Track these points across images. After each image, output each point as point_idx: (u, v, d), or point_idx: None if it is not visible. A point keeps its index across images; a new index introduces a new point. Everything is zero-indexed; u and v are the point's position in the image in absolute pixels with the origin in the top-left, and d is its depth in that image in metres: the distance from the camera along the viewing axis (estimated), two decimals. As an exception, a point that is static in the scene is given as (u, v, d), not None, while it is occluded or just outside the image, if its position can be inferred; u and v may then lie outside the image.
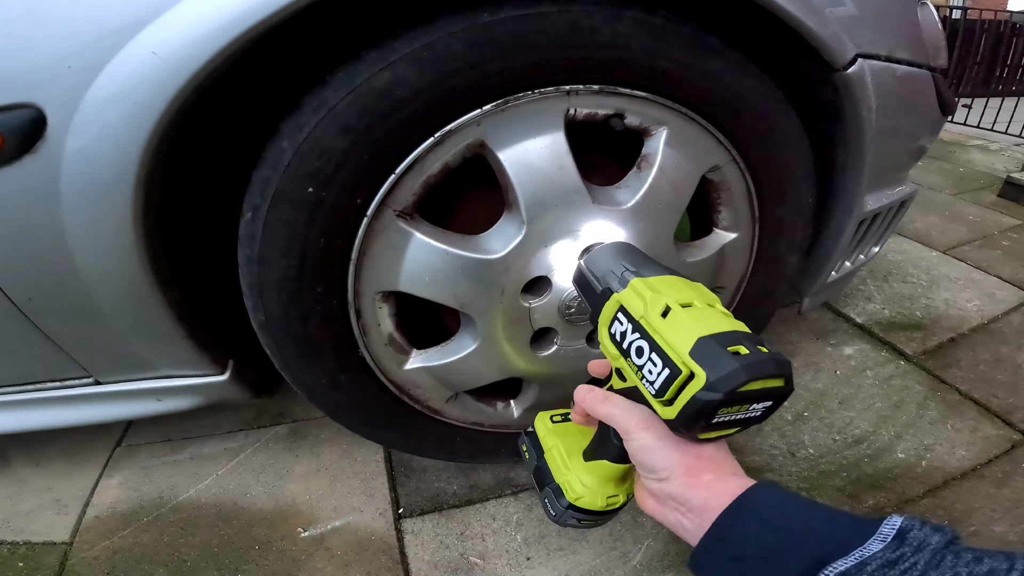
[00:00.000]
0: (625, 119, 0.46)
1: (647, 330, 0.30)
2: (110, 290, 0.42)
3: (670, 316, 0.30)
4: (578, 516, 0.37)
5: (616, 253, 0.38)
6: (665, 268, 0.36)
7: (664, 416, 0.29)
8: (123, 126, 0.34)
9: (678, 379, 0.27)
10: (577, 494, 0.37)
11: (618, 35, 0.40)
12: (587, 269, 0.38)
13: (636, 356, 0.31)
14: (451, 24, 0.37)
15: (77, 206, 0.37)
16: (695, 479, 0.29)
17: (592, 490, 0.37)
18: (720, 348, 0.27)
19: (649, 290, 0.32)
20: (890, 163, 0.59)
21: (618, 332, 0.32)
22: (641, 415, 0.32)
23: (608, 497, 0.37)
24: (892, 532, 0.23)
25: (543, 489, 0.40)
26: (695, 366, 0.27)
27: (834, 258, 0.63)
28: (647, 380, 0.29)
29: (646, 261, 0.37)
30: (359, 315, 0.46)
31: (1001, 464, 0.67)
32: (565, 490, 0.37)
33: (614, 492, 0.37)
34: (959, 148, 2.20)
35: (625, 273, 0.34)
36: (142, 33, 0.32)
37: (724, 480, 0.29)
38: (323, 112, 0.37)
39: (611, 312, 0.34)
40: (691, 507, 0.29)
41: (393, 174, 0.40)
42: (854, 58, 0.46)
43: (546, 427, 0.43)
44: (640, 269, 0.35)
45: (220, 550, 0.60)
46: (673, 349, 0.28)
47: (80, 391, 0.54)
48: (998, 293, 1.05)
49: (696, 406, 0.27)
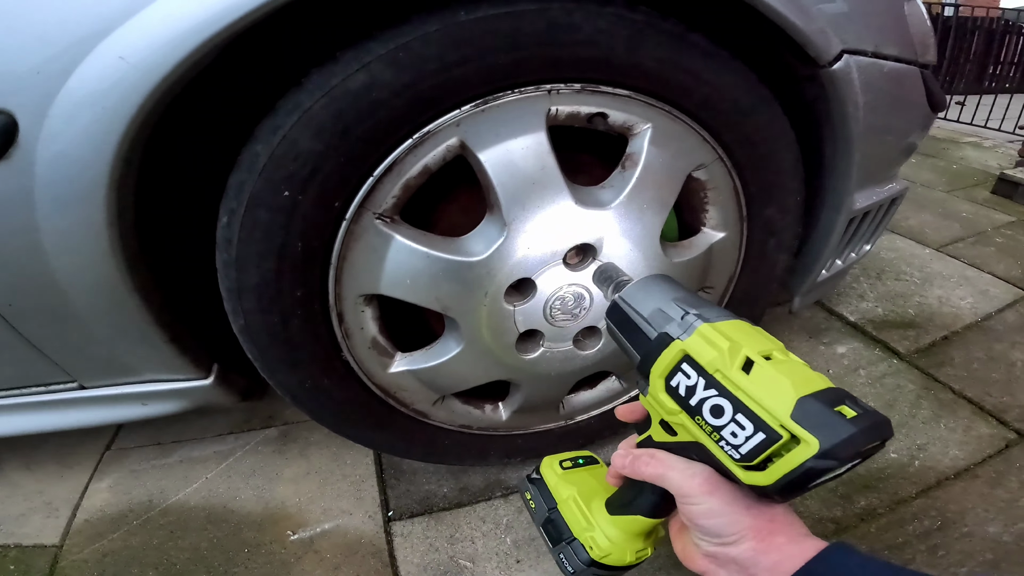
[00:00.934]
0: (608, 118, 0.45)
1: (727, 387, 0.27)
2: (88, 295, 0.42)
3: (755, 371, 0.27)
4: (602, 574, 0.35)
5: (662, 289, 0.33)
6: (724, 311, 0.31)
7: (752, 482, 0.26)
8: (94, 131, 0.33)
9: (776, 444, 0.25)
10: (604, 551, 0.34)
11: (599, 32, 0.40)
12: (630, 307, 0.33)
13: (712, 416, 0.27)
14: (427, 24, 0.36)
15: (52, 212, 0.37)
16: (768, 543, 0.28)
17: (620, 546, 0.34)
18: (828, 410, 0.25)
19: (724, 339, 0.28)
20: (879, 160, 0.59)
21: (683, 386, 0.29)
22: (703, 477, 0.29)
23: (637, 551, 0.35)
24: None
25: (558, 544, 0.36)
26: (801, 431, 0.24)
27: (824, 256, 0.63)
28: (728, 443, 0.27)
29: (701, 301, 0.32)
30: (341, 319, 0.46)
31: (995, 464, 0.67)
32: (589, 547, 0.34)
33: (642, 546, 0.35)
34: (952, 145, 2.19)
35: (687, 316, 0.30)
36: (109, 38, 0.31)
37: (797, 543, 0.28)
38: (297, 115, 0.36)
39: (671, 362, 0.29)
40: (757, 571, 0.28)
41: (371, 177, 0.40)
42: (840, 54, 0.46)
43: (556, 474, 0.40)
44: (702, 311, 0.31)
45: (209, 553, 0.59)
46: (768, 411, 0.25)
47: (65, 396, 0.53)
48: (992, 290, 1.05)
49: (808, 475, 0.24)
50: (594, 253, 0.47)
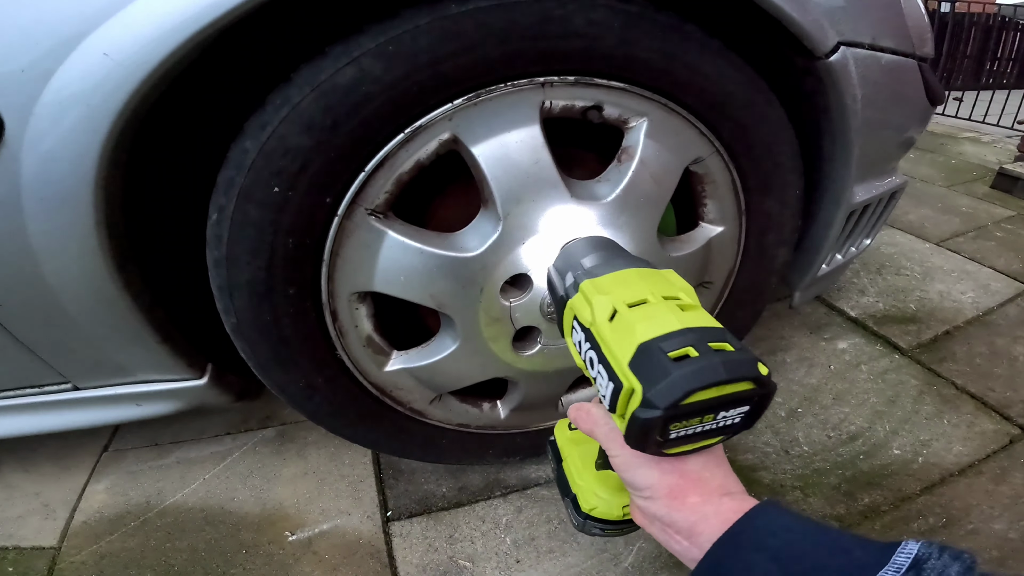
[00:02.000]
0: (603, 111, 0.45)
1: (596, 339, 0.27)
2: (78, 296, 0.42)
3: (616, 319, 0.27)
4: (600, 526, 0.36)
5: (580, 251, 0.35)
6: (632, 260, 0.33)
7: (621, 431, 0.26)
8: (80, 129, 0.33)
9: (622, 393, 0.24)
10: (591, 504, 0.35)
11: (592, 24, 0.39)
12: (553, 273, 0.36)
13: (590, 368, 0.28)
14: (417, 17, 0.36)
15: (39, 212, 0.36)
16: (680, 501, 0.27)
17: (606, 500, 0.35)
18: (661, 355, 0.23)
19: (597, 292, 0.29)
20: (878, 154, 0.58)
21: (579, 343, 0.30)
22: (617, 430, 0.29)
23: (624, 507, 0.35)
24: (907, 561, 0.21)
25: (564, 499, 0.39)
26: (633, 379, 0.24)
27: (824, 251, 0.62)
28: (602, 394, 0.27)
29: (609, 257, 0.34)
30: (335, 317, 0.45)
31: (999, 460, 0.66)
32: (580, 500, 0.36)
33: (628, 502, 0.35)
34: (951, 140, 2.19)
35: (579, 275, 0.32)
36: (93, 35, 0.31)
37: (712, 502, 0.27)
38: (287, 110, 0.36)
39: (569, 321, 0.31)
40: (678, 530, 0.27)
41: (363, 172, 0.39)
42: (836, 46, 0.45)
43: (564, 435, 0.41)
44: (596, 267, 0.32)
45: (207, 554, 0.59)
46: (616, 359, 0.25)
47: (59, 397, 0.53)
48: (993, 284, 1.04)
49: (637, 424, 0.23)
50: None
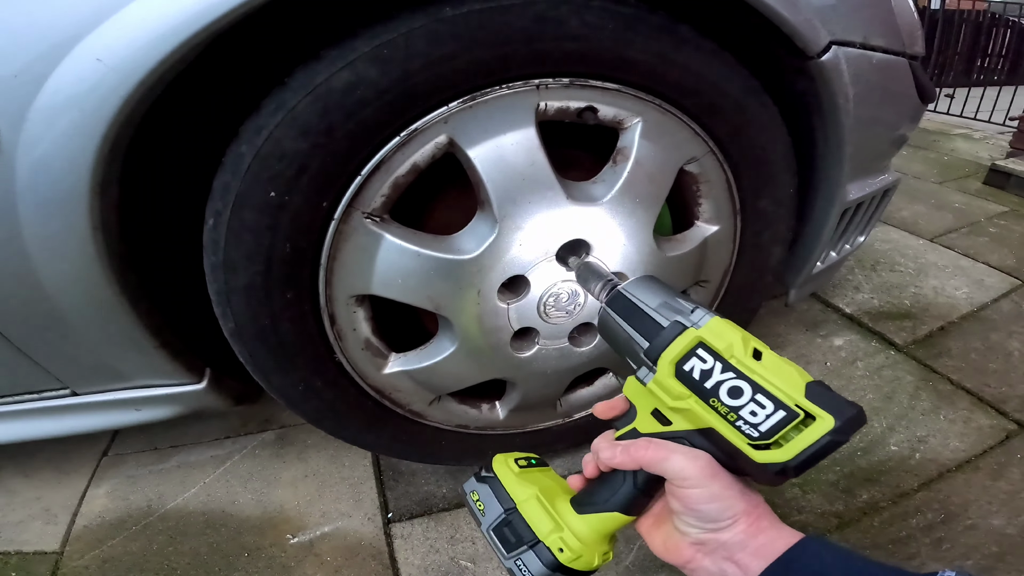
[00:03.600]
0: (598, 112, 0.45)
1: (744, 371, 0.29)
2: (76, 301, 0.42)
3: (765, 358, 0.29)
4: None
5: (662, 286, 0.35)
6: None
7: (768, 460, 0.27)
8: (74, 134, 0.33)
9: (794, 422, 0.27)
10: (575, 553, 0.32)
11: (586, 26, 0.40)
12: (636, 298, 0.35)
13: (729, 397, 0.29)
14: (412, 20, 0.36)
15: (35, 217, 0.36)
16: (756, 526, 0.29)
17: (590, 547, 0.33)
18: (833, 392, 0.27)
19: (734, 330, 0.31)
20: (871, 152, 0.59)
21: (697, 369, 0.30)
22: (705, 460, 0.30)
23: (603, 554, 0.34)
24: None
25: (515, 550, 0.33)
26: (817, 409, 0.27)
27: (819, 248, 0.63)
28: (747, 423, 0.28)
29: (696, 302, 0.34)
30: (333, 320, 0.46)
31: (996, 455, 0.66)
32: (558, 549, 0.32)
33: (606, 548, 0.34)
34: (943, 137, 2.20)
35: (697, 310, 0.32)
36: (86, 40, 0.31)
37: (777, 528, 0.29)
38: (282, 114, 0.36)
39: (685, 348, 0.31)
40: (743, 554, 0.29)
41: (359, 176, 0.39)
42: (828, 45, 0.46)
43: (512, 472, 0.37)
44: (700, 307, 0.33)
45: (209, 558, 0.59)
46: (784, 392, 0.28)
47: (57, 402, 0.53)
48: (987, 280, 1.05)
49: (825, 449, 0.26)
50: (587, 249, 0.47)
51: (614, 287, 0.37)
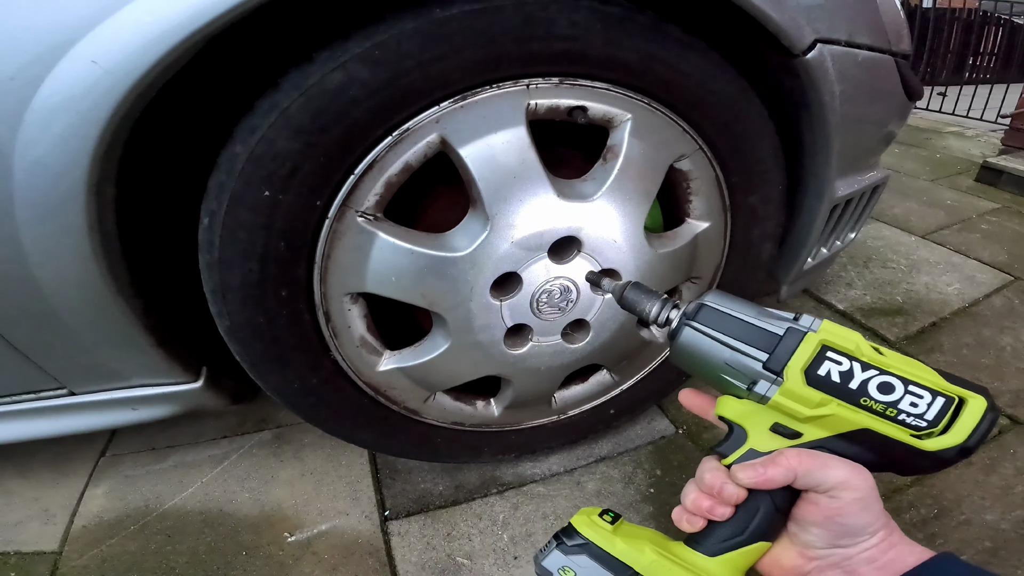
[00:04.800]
0: (588, 111, 0.45)
1: (883, 367, 0.29)
2: (72, 301, 0.42)
3: (888, 353, 0.30)
4: None
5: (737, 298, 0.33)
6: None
7: (940, 446, 0.28)
8: (70, 136, 0.34)
9: (953, 406, 0.28)
10: None
11: (575, 26, 0.40)
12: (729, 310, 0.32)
13: (882, 393, 0.28)
14: (402, 22, 0.37)
15: (32, 218, 0.37)
16: (889, 541, 0.28)
17: None
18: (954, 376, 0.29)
19: (849, 330, 0.30)
20: (858, 149, 0.59)
21: (834, 372, 0.29)
22: (865, 470, 0.29)
23: None
24: None
25: None
26: (965, 392, 0.28)
27: (809, 245, 0.64)
28: (910, 414, 0.28)
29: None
30: (328, 318, 0.46)
31: (989, 450, 0.67)
32: None
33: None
34: (935, 135, 2.21)
35: (802, 316, 0.31)
36: (81, 42, 0.31)
37: (908, 544, 0.29)
38: (275, 115, 0.36)
39: (812, 353, 0.29)
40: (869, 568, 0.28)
41: (353, 175, 0.40)
42: (813, 43, 0.47)
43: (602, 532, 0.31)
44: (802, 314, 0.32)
45: (208, 557, 0.59)
46: (930, 381, 0.28)
47: (55, 402, 0.53)
48: (978, 276, 1.06)
49: (989, 425, 0.27)
50: (579, 245, 0.48)
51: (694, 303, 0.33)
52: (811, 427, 0.30)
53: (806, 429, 0.30)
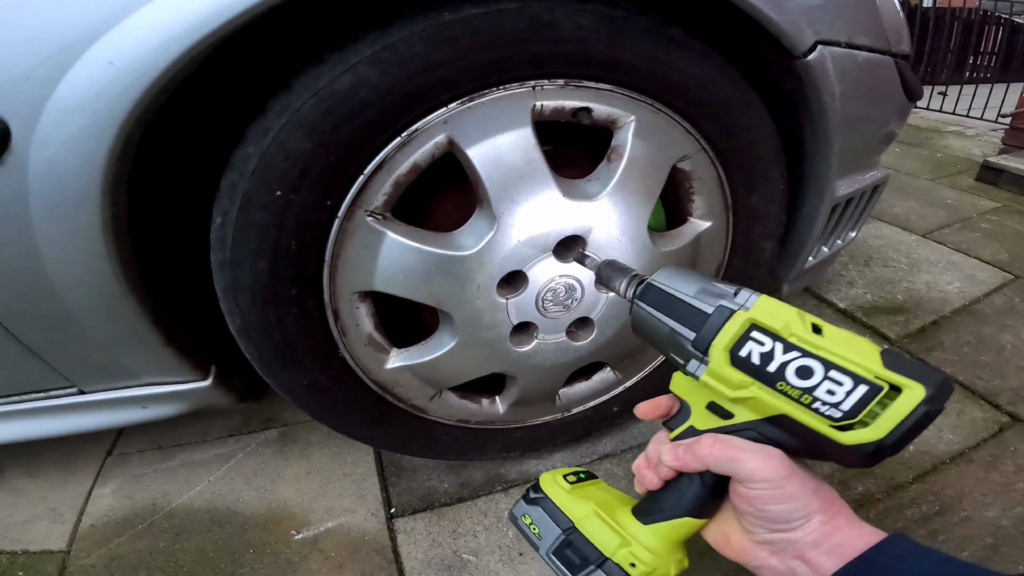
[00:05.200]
0: (592, 112, 0.46)
1: (809, 348, 0.26)
2: (85, 300, 0.42)
3: (827, 332, 0.27)
4: None
5: (693, 274, 0.33)
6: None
7: (857, 440, 0.25)
8: (85, 135, 0.34)
9: (879, 395, 0.24)
10: (648, 566, 0.30)
11: (579, 29, 0.41)
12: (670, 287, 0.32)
13: (799, 378, 0.26)
14: (412, 24, 0.37)
15: (46, 217, 0.37)
16: (832, 525, 0.27)
17: (663, 558, 0.31)
18: (904, 359, 0.25)
19: (785, 307, 0.28)
20: (858, 148, 0.60)
21: (756, 353, 0.27)
22: (780, 459, 0.28)
23: (679, 562, 0.31)
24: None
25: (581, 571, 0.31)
26: (901, 379, 0.24)
27: (810, 243, 0.64)
28: (825, 403, 0.26)
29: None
30: (337, 316, 0.47)
31: (989, 447, 0.67)
32: (629, 565, 0.30)
33: (681, 556, 0.32)
34: (935, 134, 2.22)
35: (741, 291, 0.30)
36: (97, 44, 0.32)
37: (856, 527, 0.28)
38: (287, 115, 0.37)
39: (738, 332, 0.28)
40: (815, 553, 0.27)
41: (362, 175, 0.41)
42: (814, 45, 0.47)
43: (563, 490, 0.35)
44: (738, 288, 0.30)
45: (215, 555, 0.60)
46: (860, 365, 0.25)
47: (64, 401, 0.54)
48: (979, 275, 1.06)
49: (920, 421, 0.24)
50: (583, 245, 0.48)
51: (642, 281, 0.35)
52: (741, 408, 0.29)
53: (736, 410, 0.30)
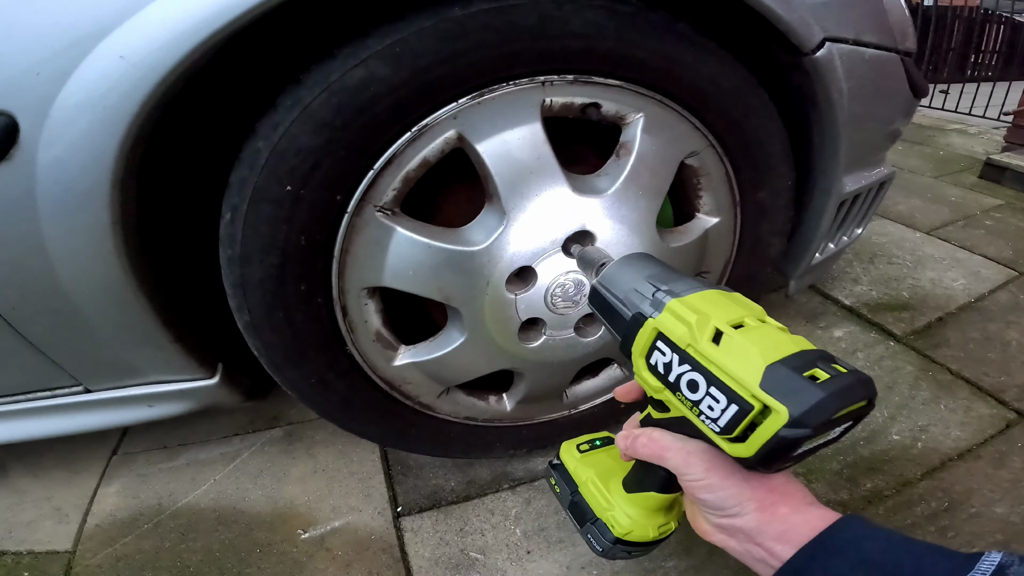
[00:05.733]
0: (601, 108, 0.46)
1: (699, 361, 0.26)
2: (93, 297, 0.42)
3: (724, 341, 0.26)
4: (628, 549, 0.36)
5: (636, 268, 0.33)
6: (697, 281, 0.31)
7: (736, 454, 0.26)
8: (95, 131, 0.34)
9: (750, 415, 0.24)
10: (625, 529, 0.35)
11: (589, 24, 0.41)
12: (606, 290, 0.33)
13: (689, 391, 0.27)
14: (422, 20, 0.37)
15: (55, 213, 0.37)
16: (770, 513, 0.28)
17: (641, 523, 0.35)
18: (796, 375, 0.24)
19: (692, 312, 0.28)
20: (866, 145, 0.60)
21: (660, 363, 0.28)
22: (699, 453, 0.29)
23: (659, 527, 0.35)
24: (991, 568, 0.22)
25: (584, 525, 0.37)
26: (771, 400, 0.24)
27: (817, 240, 0.64)
28: (707, 417, 0.26)
29: (673, 275, 0.32)
30: (345, 312, 0.47)
31: (997, 444, 0.67)
32: (611, 526, 0.35)
33: (663, 520, 0.35)
34: (938, 132, 2.22)
35: (657, 293, 0.30)
36: (109, 38, 0.32)
37: (801, 512, 0.28)
38: (298, 110, 0.37)
39: (647, 341, 0.29)
40: (762, 540, 0.28)
41: (372, 170, 0.41)
42: (822, 42, 0.47)
43: (574, 458, 0.40)
44: (673, 286, 0.30)
45: (222, 554, 0.60)
46: (738, 382, 0.25)
47: (71, 399, 0.54)
48: (983, 271, 1.06)
49: (782, 444, 0.24)
50: (592, 240, 0.48)
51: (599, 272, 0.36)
52: (671, 406, 0.30)
53: (670, 406, 0.31)
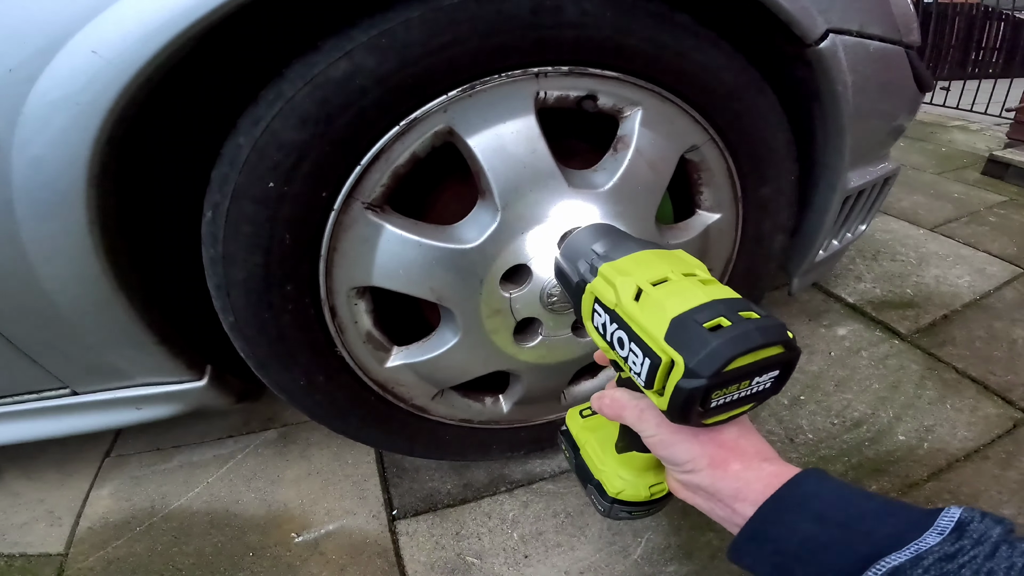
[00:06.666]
0: (598, 100, 0.45)
1: (623, 318, 0.28)
2: (74, 299, 0.41)
3: (643, 298, 0.28)
4: (626, 509, 0.36)
5: (589, 238, 0.35)
6: (642, 243, 0.33)
7: (660, 407, 0.27)
8: (70, 129, 0.33)
9: (661, 367, 0.25)
10: (617, 488, 0.36)
11: (584, 14, 0.39)
12: (562, 261, 0.36)
13: (619, 348, 0.29)
14: (409, 9, 0.36)
15: (32, 214, 0.36)
16: (723, 470, 0.28)
17: (631, 482, 0.36)
18: (696, 326, 0.25)
19: (618, 274, 0.30)
20: (870, 140, 0.59)
21: (600, 325, 0.31)
22: (651, 409, 0.30)
23: (651, 487, 0.36)
24: (951, 524, 0.22)
25: (587, 486, 0.39)
26: (672, 352, 0.25)
27: (820, 236, 0.63)
28: (635, 372, 0.27)
29: (619, 240, 0.34)
30: (334, 313, 0.45)
31: (1004, 444, 0.66)
32: (605, 486, 0.36)
33: (655, 480, 0.36)
34: (940, 129, 2.21)
35: (595, 260, 0.32)
36: (81, 32, 0.31)
37: (753, 468, 0.28)
38: (280, 104, 0.36)
39: (589, 305, 0.31)
40: (722, 497, 0.28)
41: (359, 166, 0.39)
42: (825, 33, 0.46)
43: (577, 423, 0.42)
44: (610, 252, 0.32)
45: (214, 558, 0.59)
46: (649, 335, 0.26)
47: (57, 402, 0.53)
48: (988, 268, 1.04)
49: (682, 395, 0.24)
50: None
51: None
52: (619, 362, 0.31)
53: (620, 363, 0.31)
